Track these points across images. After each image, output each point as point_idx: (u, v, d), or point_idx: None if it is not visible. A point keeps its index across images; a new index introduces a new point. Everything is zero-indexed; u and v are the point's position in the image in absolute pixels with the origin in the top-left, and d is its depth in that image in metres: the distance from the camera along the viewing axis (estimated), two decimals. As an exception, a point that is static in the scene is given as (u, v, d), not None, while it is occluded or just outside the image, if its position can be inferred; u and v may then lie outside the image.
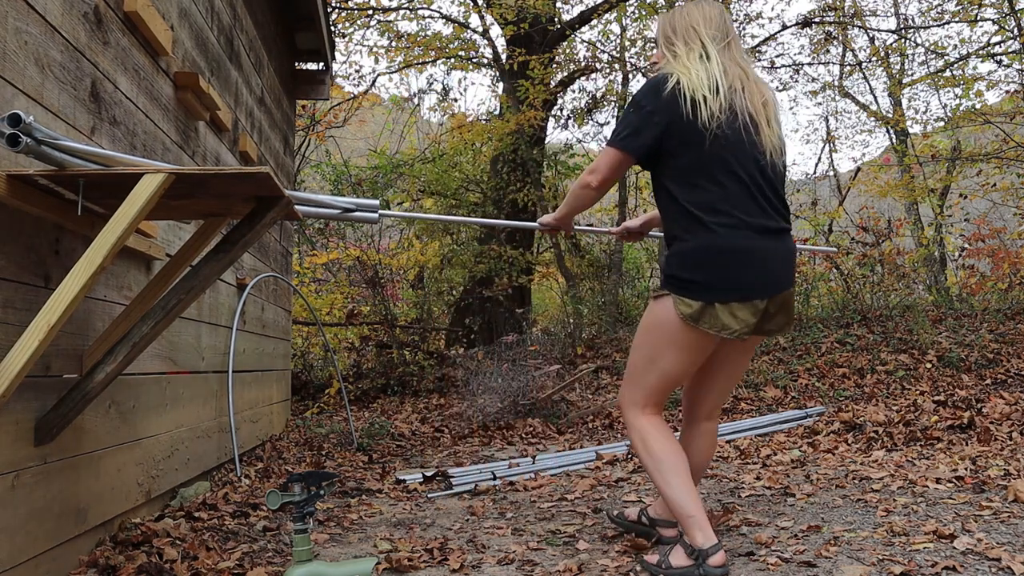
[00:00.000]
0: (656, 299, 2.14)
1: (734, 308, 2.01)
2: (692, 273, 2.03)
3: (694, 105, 2.02)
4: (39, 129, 1.64)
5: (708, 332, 2.04)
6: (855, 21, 10.11)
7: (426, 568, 2.31)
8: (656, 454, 2.12)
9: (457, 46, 10.11)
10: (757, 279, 2.03)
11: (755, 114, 2.10)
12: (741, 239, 2.02)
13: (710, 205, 2.03)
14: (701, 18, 2.17)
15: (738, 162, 2.05)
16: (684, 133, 2.04)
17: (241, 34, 4.13)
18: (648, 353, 2.15)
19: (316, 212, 2.52)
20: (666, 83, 2.06)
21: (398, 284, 9.63)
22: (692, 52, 2.12)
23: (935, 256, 10.22)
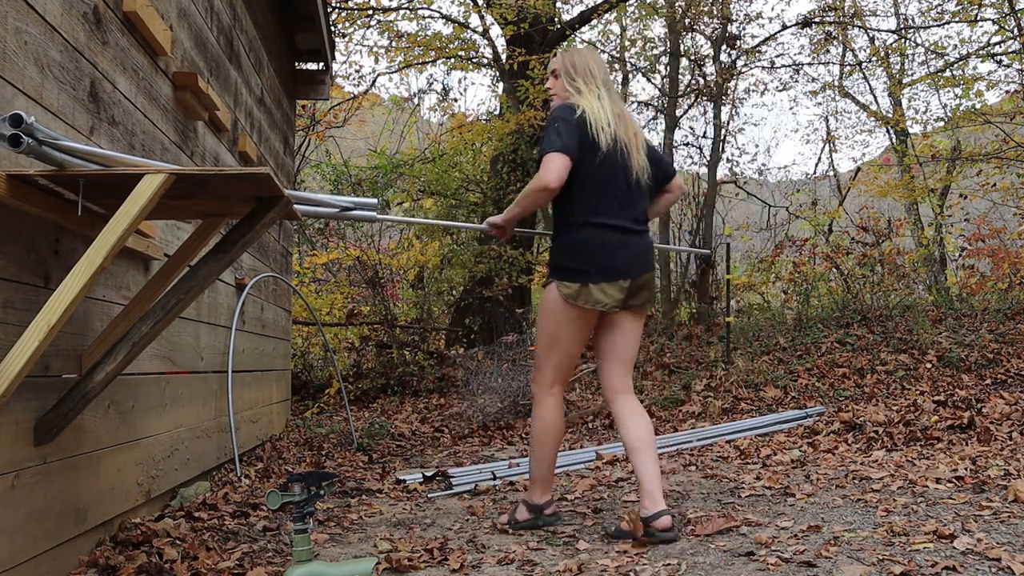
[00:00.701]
0: (545, 287, 2.68)
1: (604, 287, 2.56)
2: (571, 261, 2.58)
3: (596, 132, 2.58)
4: (40, 129, 1.63)
5: (585, 307, 2.57)
6: (855, 21, 10.11)
7: (426, 568, 2.31)
8: (549, 425, 2.68)
9: (457, 46, 10.10)
10: (620, 265, 2.58)
11: (629, 143, 2.66)
12: (608, 236, 2.58)
13: (591, 209, 2.58)
14: (595, 64, 2.73)
15: (614, 178, 2.61)
16: (585, 150, 2.57)
17: (241, 34, 4.13)
18: (547, 334, 2.66)
19: (315, 212, 2.52)
20: (576, 110, 2.61)
21: (398, 284, 9.63)
22: (592, 91, 2.66)
23: (935, 256, 10.22)
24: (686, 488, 3.27)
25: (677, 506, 2.95)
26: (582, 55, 2.74)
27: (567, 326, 2.62)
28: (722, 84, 9.40)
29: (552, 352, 2.67)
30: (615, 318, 2.67)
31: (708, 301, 8.70)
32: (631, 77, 11.02)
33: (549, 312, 2.64)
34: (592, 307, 2.57)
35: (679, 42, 9.78)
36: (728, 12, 9.36)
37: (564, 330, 2.63)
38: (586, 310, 2.59)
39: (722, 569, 2.14)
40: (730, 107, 10.40)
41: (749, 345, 7.10)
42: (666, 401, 5.69)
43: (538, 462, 2.71)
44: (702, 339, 7.68)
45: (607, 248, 2.57)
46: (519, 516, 2.72)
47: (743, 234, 11.88)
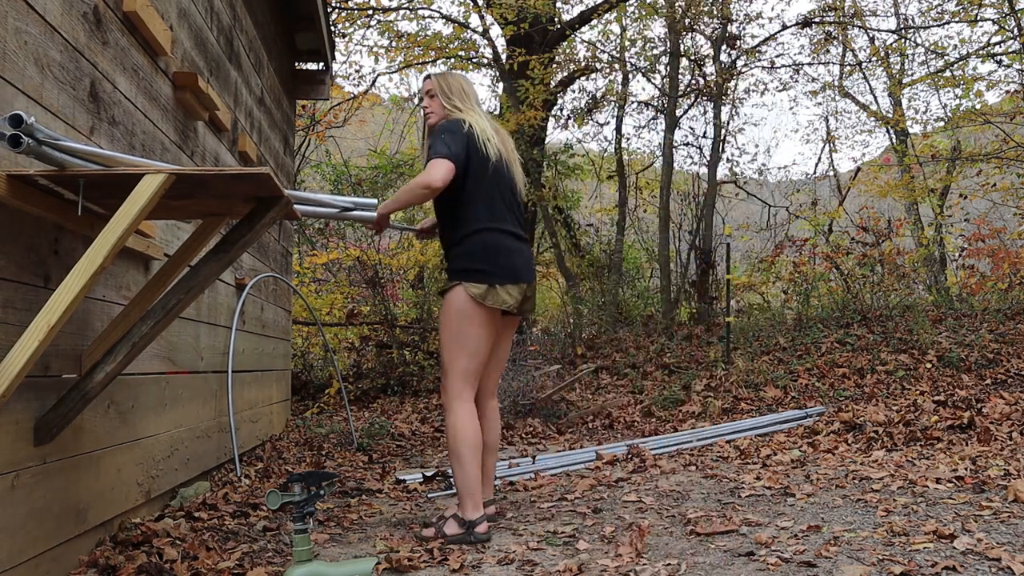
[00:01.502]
0: (446, 292, 2.69)
1: (509, 288, 2.67)
2: (477, 264, 2.65)
3: (484, 143, 2.72)
4: (40, 130, 1.63)
5: (492, 307, 2.65)
6: (855, 21, 10.11)
7: (426, 568, 2.31)
8: (464, 437, 2.63)
9: (457, 46, 10.10)
10: (520, 268, 2.71)
11: (509, 157, 2.83)
12: (507, 240, 2.71)
13: (488, 215, 2.70)
14: (468, 86, 2.85)
15: (502, 188, 2.76)
16: (475, 162, 2.69)
17: (241, 34, 4.13)
18: (453, 339, 2.67)
19: (314, 212, 2.52)
20: (464, 124, 2.71)
21: (398, 284, 9.63)
22: (471, 110, 2.79)
23: (935, 256, 10.22)
24: (686, 488, 3.27)
25: (677, 506, 2.95)
26: (456, 78, 2.86)
27: (475, 328, 2.65)
28: (722, 84, 9.40)
29: (460, 356, 2.67)
30: (502, 325, 2.81)
31: (708, 301, 8.70)
32: (631, 77, 11.02)
33: (455, 315, 2.66)
34: (499, 307, 2.65)
35: (679, 42, 9.78)
36: (728, 12, 9.36)
37: (472, 332, 2.66)
38: (492, 311, 2.67)
39: (722, 569, 2.14)
40: (730, 107, 10.40)
41: (749, 345, 7.10)
42: (666, 401, 5.69)
43: (462, 475, 2.64)
44: (702, 339, 7.68)
45: (507, 251, 2.69)
46: (448, 530, 2.63)
47: (743, 234, 11.88)
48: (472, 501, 2.63)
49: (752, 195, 12.20)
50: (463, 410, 2.66)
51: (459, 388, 2.68)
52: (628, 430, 5.09)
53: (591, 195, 12.28)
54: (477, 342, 2.67)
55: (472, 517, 2.62)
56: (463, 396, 2.68)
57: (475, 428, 2.66)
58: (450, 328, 2.68)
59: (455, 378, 2.68)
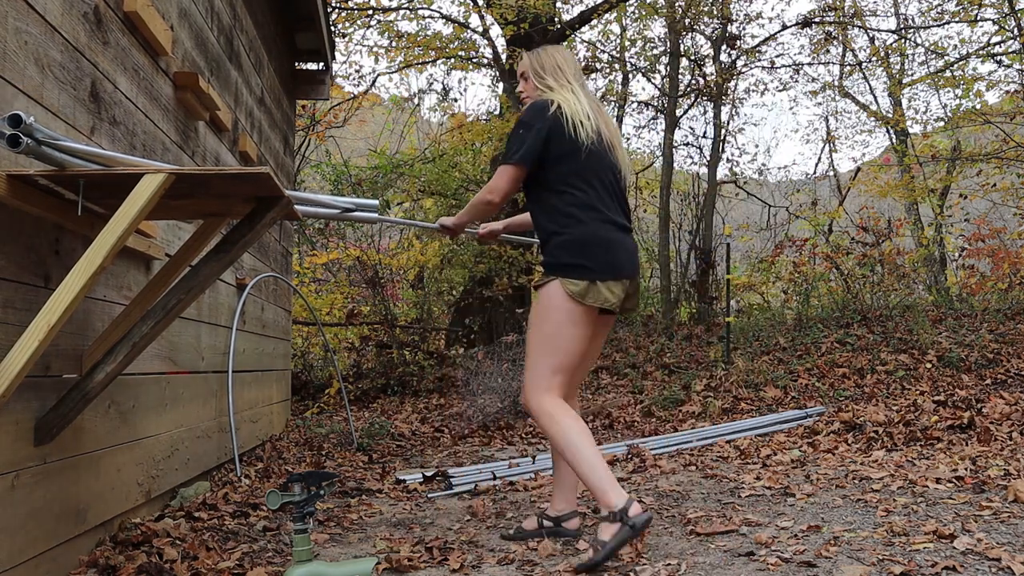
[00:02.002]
0: (542, 287, 2.48)
1: (610, 284, 2.44)
2: (576, 258, 2.42)
3: (575, 126, 2.47)
4: (40, 129, 1.63)
5: (592, 305, 2.43)
6: (855, 21, 10.11)
7: (426, 568, 2.31)
8: (566, 431, 2.35)
9: (457, 46, 10.10)
10: (623, 261, 2.48)
11: (611, 138, 2.59)
12: (609, 231, 2.47)
13: (586, 204, 2.47)
14: (563, 60, 2.61)
15: (602, 172, 2.52)
16: (564, 147, 2.46)
17: (241, 34, 4.13)
18: (547, 335, 2.45)
19: (316, 212, 2.52)
20: (550, 106, 2.49)
21: (398, 284, 9.63)
22: (563, 87, 2.56)
23: (935, 256, 10.23)
24: (686, 488, 3.27)
25: (677, 506, 2.95)
26: (549, 53, 2.62)
27: (572, 327, 2.42)
28: (722, 84, 9.40)
29: (551, 355, 2.43)
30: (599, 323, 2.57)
31: (708, 301, 8.70)
32: (631, 77, 11.02)
33: (550, 311, 2.43)
34: (599, 305, 2.42)
35: (679, 42, 9.78)
36: (728, 12, 9.36)
37: (567, 330, 2.42)
38: (591, 309, 2.43)
39: (722, 569, 2.14)
40: (730, 107, 10.40)
41: (749, 345, 7.10)
42: (666, 401, 5.69)
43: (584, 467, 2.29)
44: (702, 339, 7.68)
45: (609, 244, 2.45)
46: (604, 536, 2.22)
47: (743, 234, 11.88)
48: (609, 487, 2.24)
49: (752, 195, 12.20)
50: (554, 406, 2.39)
51: (546, 385, 2.42)
52: (628, 430, 5.09)
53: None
54: (571, 341, 2.43)
55: (619, 504, 2.21)
56: (552, 392, 2.42)
57: (574, 418, 2.37)
58: (544, 325, 2.44)
59: (542, 375, 2.42)
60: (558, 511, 2.60)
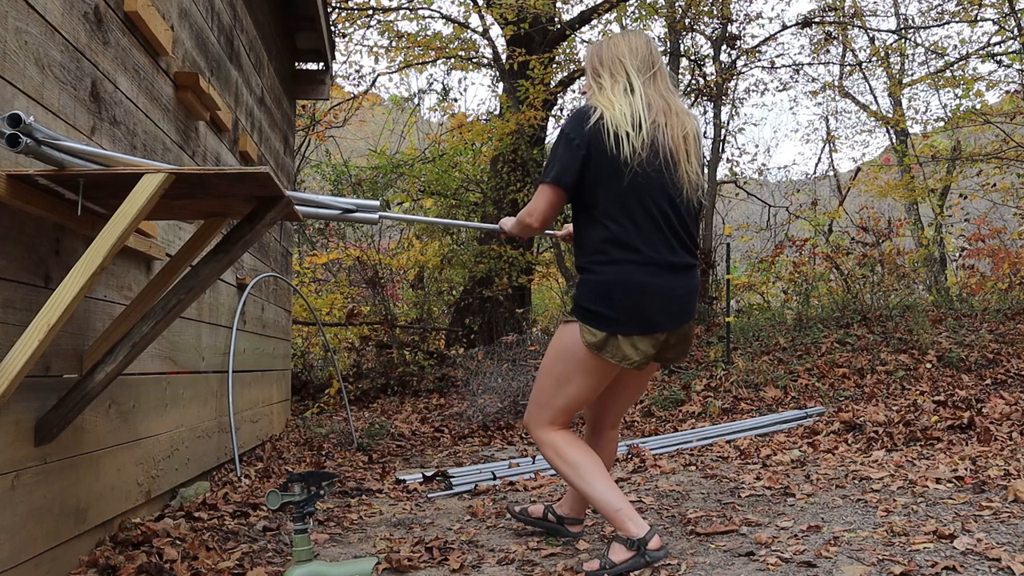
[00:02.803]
0: (565, 324, 2.22)
1: (635, 340, 2.12)
2: (598, 305, 2.11)
3: (617, 141, 2.08)
4: (39, 129, 1.64)
5: (610, 361, 2.14)
6: (855, 21, 10.11)
7: (426, 568, 2.31)
8: (572, 462, 2.20)
9: (457, 46, 10.10)
10: (658, 314, 2.12)
11: (675, 150, 2.15)
12: (646, 275, 2.10)
13: (621, 240, 2.10)
14: (627, 50, 2.20)
15: (652, 199, 2.11)
16: (604, 167, 2.09)
17: (241, 34, 4.13)
18: (557, 377, 2.23)
19: (316, 213, 2.52)
20: (590, 116, 2.11)
21: (398, 284, 9.63)
22: (617, 85, 2.16)
23: (935, 256, 10.23)
24: (686, 488, 3.27)
25: (677, 506, 2.95)
26: (612, 42, 2.23)
27: (582, 375, 2.19)
28: (722, 84, 9.40)
29: (558, 397, 2.23)
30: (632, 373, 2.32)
31: (708, 301, 8.70)
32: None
33: (564, 353, 2.20)
34: (617, 362, 2.14)
35: (679, 42, 9.78)
36: (728, 12, 9.36)
37: (578, 378, 2.20)
38: (611, 363, 2.16)
39: (722, 569, 2.14)
40: (730, 107, 10.40)
41: (749, 345, 7.10)
42: (666, 401, 5.69)
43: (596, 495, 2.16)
44: (702, 339, 7.68)
45: (643, 292, 2.10)
46: (615, 557, 2.12)
47: (743, 234, 11.88)
48: (627, 516, 2.12)
49: (752, 195, 12.21)
50: (558, 438, 2.23)
51: (546, 420, 2.26)
52: (628, 430, 5.09)
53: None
54: (580, 389, 2.21)
55: (638, 534, 2.09)
56: (554, 427, 2.25)
57: (580, 446, 2.22)
58: (555, 363, 2.23)
59: (545, 412, 2.25)
60: (565, 512, 2.57)
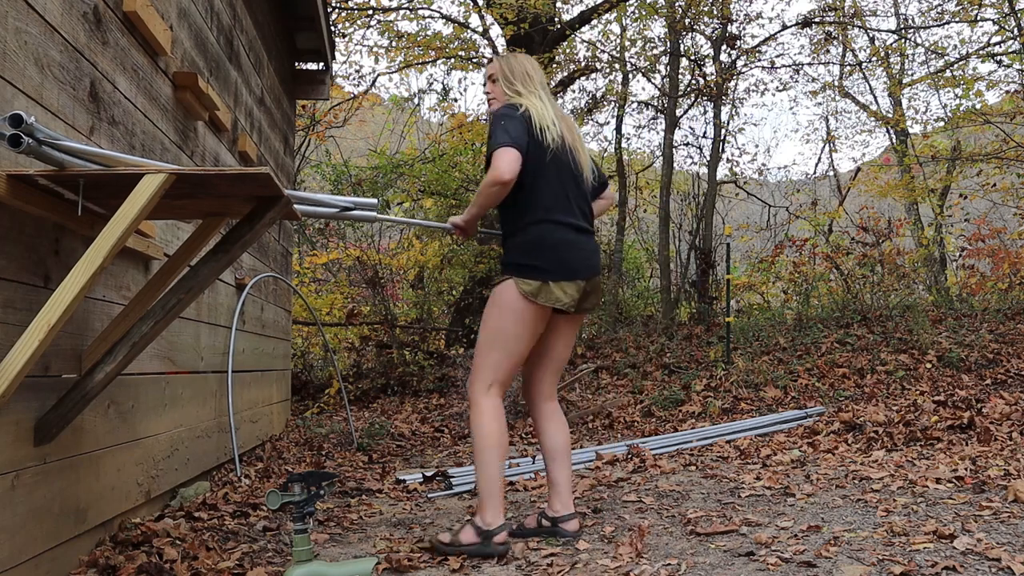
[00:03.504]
0: (499, 285, 2.56)
1: (563, 285, 2.51)
2: (530, 259, 2.51)
3: (542, 130, 2.56)
4: (40, 129, 1.63)
5: (544, 305, 2.50)
6: (855, 21, 10.11)
7: (426, 568, 2.31)
8: (486, 434, 2.45)
9: (457, 46, 10.10)
10: (577, 263, 2.54)
11: (575, 145, 2.67)
12: (563, 233, 2.55)
13: (544, 206, 2.54)
14: (532, 69, 2.71)
15: (563, 177, 2.60)
16: (532, 148, 2.54)
17: (241, 34, 4.13)
18: (495, 332, 2.52)
19: (314, 212, 2.52)
20: (519, 109, 2.57)
21: (398, 284, 9.63)
22: (532, 94, 2.64)
23: (935, 256, 10.23)
24: (686, 488, 3.27)
25: (677, 506, 2.95)
26: (519, 60, 2.72)
27: (520, 325, 2.50)
28: (722, 84, 9.40)
29: (496, 350, 2.51)
30: (558, 324, 2.65)
31: (708, 301, 8.70)
32: (631, 77, 11.02)
33: (502, 308, 2.51)
34: (552, 305, 2.50)
35: (679, 42, 9.78)
36: (728, 12, 9.36)
37: (516, 328, 2.50)
38: (542, 309, 2.51)
39: (722, 569, 2.14)
40: (730, 107, 10.40)
41: (749, 345, 7.10)
42: (666, 401, 5.69)
43: (482, 476, 2.43)
44: (702, 339, 7.68)
45: (564, 245, 2.52)
46: (464, 538, 2.40)
47: (743, 234, 11.88)
48: (491, 505, 2.40)
49: (752, 195, 12.21)
50: (488, 406, 2.49)
51: (487, 383, 2.51)
52: (628, 430, 5.09)
53: (591, 195, 12.25)
54: (517, 341, 2.51)
55: (491, 524, 2.39)
56: (491, 392, 2.51)
57: (500, 427, 2.47)
58: (494, 319, 2.52)
59: (485, 373, 2.51)
60: (555, 512, 2.60)
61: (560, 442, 2.64)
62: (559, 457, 2.63)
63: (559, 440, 2.65)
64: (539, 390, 2.70)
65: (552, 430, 2.66)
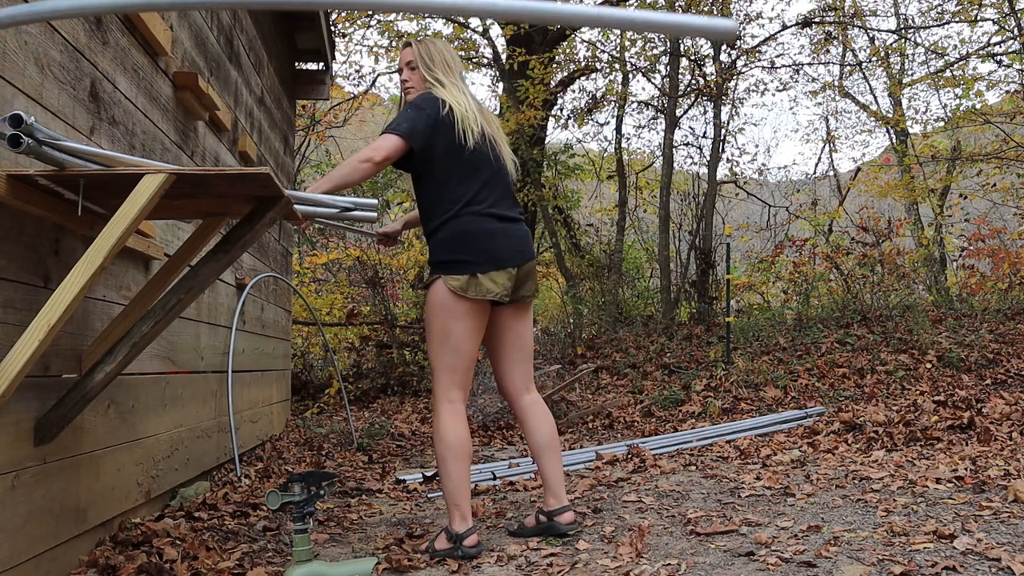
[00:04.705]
0: (429, 287, 2.52)
1: (493, 275, 2.45)
2: (454, 254, 2.46)
3: (464, 129, 2.49)
4: (40, 130, 1.63)
5: (476, 299, 2.44)
6: (855, 21, 10.11)
7: (426, 568, 2.31)
8: (448, 441, 2.45)
9: (457, 46, 10.10)
10: (503, 252, 2.48)
11: (494, 134, 2.62)
12: (487, 223, 2.49)
13: (462, 199, 2.49)
14: (452, 58, 2.62)
15: (485, 168, 2.54)
16: (450, 145, 2.48)
17: (241, 34, 4.13)
18: (439, 335, 2.48)
19: (314, 212, 2.51)
20: (442, 104, 2.49)
21: (398, 284, 9.63)
22: (453, 85, 2.57)
23: (935, 256, 10.23)
24: (686, 488, 3.27)
25: (677, 506, 2.95)
26: (438, 47, 2.61)
27: (458, 323, 2.45)
28: (722, 84, 9.40)
29: (444, 353, 2.47)
30: (504, 315, 2.61)
31: (708, 301, 8.70)
32: (631, 77, 11.02)
33: (436, 310, 2.47)
34: (483, 297, 2.45)
35: (679, 42, 9.78)
36: (728, 12, 9.36)
37: (455, 327, 2.45)
38: (477, 303, 2.46)
39: (722, 569, 2.14)
40: (730, 107, 10.40)
41: (749, 345, 7.10)
42: (666, 401, 5.69)
43: (445, 483, 2.46)
44: (702, 339, 7.68)
45: (487, 235, 2.47)
46: (437, 545, 2.44)
47: (743, 234, 11.88)
48: (458, 512, 2.43)
49: (752, 195, 12.21)
50: (446, 411, 2.47)
51: (444, 388, 2.48)
52: (628, 430, 5.09)
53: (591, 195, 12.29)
54: (460, 338, 2.46)
55: (458, 530, 2.41)
56: (449, 396, 2.48)
57: (459, 432, 2.46)
58: (432, 324, 2.49)
59: (440, 377, 2.49)
60: (549, 507, 2.61)
61: (545, 436, 2.61)
62: (546, 452, 2.60)
63: (544, 434, 2.61)
64: (513, 385, 2.66)
65: (535, 425, 2.62)
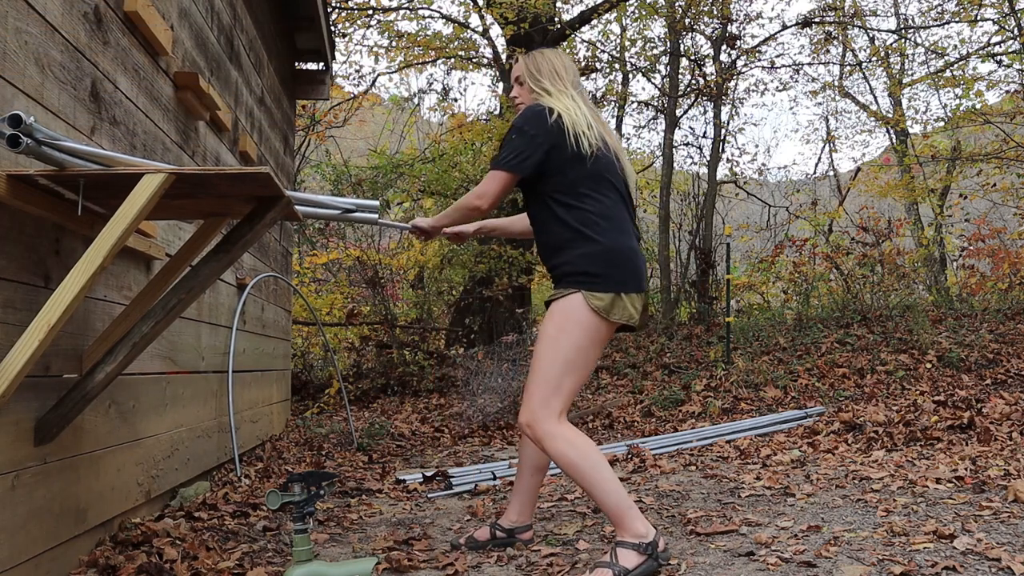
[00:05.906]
0: (559, 300, 2.25)
1: (633, 298, 2.26)
2: (603, 268, 2.22)
3: (576, 136, 2.28)
4: (40, 130, 1.63)
5: (615, 322, 2.23)
6: (855, 21, 10.11)
7: (426, 568, 2.31)
8: (585, 453, 2.16)
9: (457, 46, 10.10)
10: (641, 273, 2.31)
11: (616, 148, 2.42)
12: (628, 240, 2.30)
13: (604, 214, 2.28)
14: (561, 65, 2.44)
15: (614, 181, 2.34)
16: (568, 155, 2.28)
17: (241, 34, 4.13)
18: (564, 355, 2.21)
19: (316, 213, 2.52)
20: (549, 114, 2.30)
21: (398, 284, 9.63)
22: (563, 93, 2.38)
23: (935, 256, 10.23)
24: (686, 488, 3.27)
25: (677, 506, 2.95)
26: (547, 56, 2.46)
27: (591, 345, 2.21)
28: (722, 84, 9.40)
29: (568, 377, 2.20)
30: None
31: (708, 301, 8.70)
32: (631, 77, 11.02)
33: (574, 328, 2.19)
34: (625, 320, 2.23)
35: (679, 42, 9.78)
36: (728, 12, 9.36)
37: (588, 350, 2.21)
38: (611, 327, 2.23)
39: (722, 569, 2.14)
40: (730, 107, 10.41)
41: (749, 345, 7.10)
42: (666, 401, 5.69)
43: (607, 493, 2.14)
44: (702, 339, 7.68)
45: (630, 253, 2.27)
46: (628, 563, 2.08)
47: (743, 234, 11.89)
48: (634, 516, 2.13)
49: (752, 195, 12.21)
50: (568, 429, 2.20)
51: (557, 409, 2.20)
52: (628, 430, 5.09)
53: (591, 195, 12.26)
54: (587, 362, 2.22)
55: (647, 535, 2.11)
56: (563, 415, 2.22)
57: (588, 440, 2.19)
58: (561, 341, 2.20)
59: (554, 402, 2.19)
60: (512, 522, 2.52)
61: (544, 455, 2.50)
62: (542, 471, 2.52)
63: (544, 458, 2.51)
64: None
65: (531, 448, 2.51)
